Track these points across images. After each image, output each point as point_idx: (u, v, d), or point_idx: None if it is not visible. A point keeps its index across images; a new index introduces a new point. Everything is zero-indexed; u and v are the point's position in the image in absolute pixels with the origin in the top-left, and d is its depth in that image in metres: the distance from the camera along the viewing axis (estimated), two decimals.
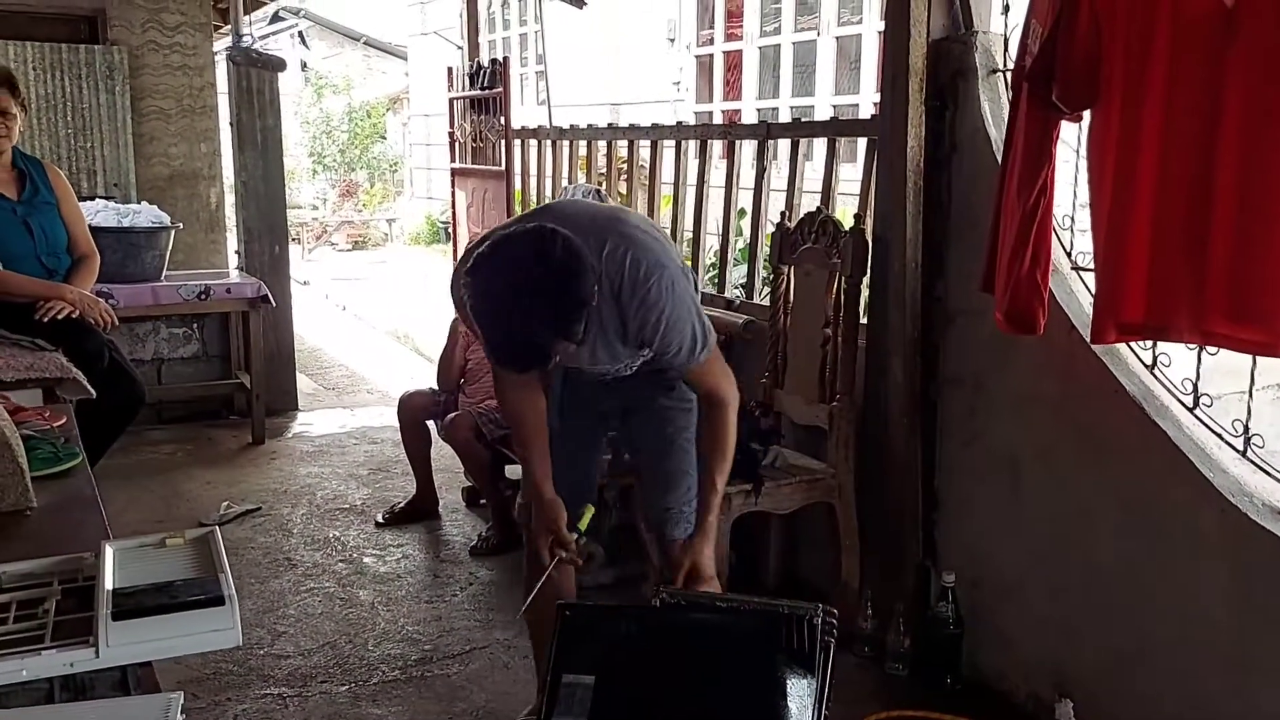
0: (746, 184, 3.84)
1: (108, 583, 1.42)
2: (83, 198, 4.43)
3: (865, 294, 3.07)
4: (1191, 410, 2.34)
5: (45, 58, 5.18)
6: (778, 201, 3.63)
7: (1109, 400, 2.44)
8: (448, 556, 3.83)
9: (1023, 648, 2.75)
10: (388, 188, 16.62)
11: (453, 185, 6.09)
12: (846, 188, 3.52)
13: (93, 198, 4.99)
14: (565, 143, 4.96)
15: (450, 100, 6.05)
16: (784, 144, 3.74)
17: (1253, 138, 1.94)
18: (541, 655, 2.54)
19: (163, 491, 4.43)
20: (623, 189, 4.57)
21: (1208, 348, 2.20)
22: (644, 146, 4.38)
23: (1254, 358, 2.13)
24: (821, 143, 3.60)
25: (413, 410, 4.15)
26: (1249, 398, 2.22)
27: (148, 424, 5.15)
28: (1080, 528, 2.56)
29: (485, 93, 5.59)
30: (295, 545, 3.88)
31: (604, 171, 4.67)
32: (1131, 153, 2.11)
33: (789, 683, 1.75)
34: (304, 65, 17.43)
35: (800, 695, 1.74)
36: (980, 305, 2.64)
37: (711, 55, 8.86)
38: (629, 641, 1.90)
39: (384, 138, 17.24)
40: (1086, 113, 2.25)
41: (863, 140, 3.34)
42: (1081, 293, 2.56)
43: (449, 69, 6.18)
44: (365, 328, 9.01)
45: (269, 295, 5.11)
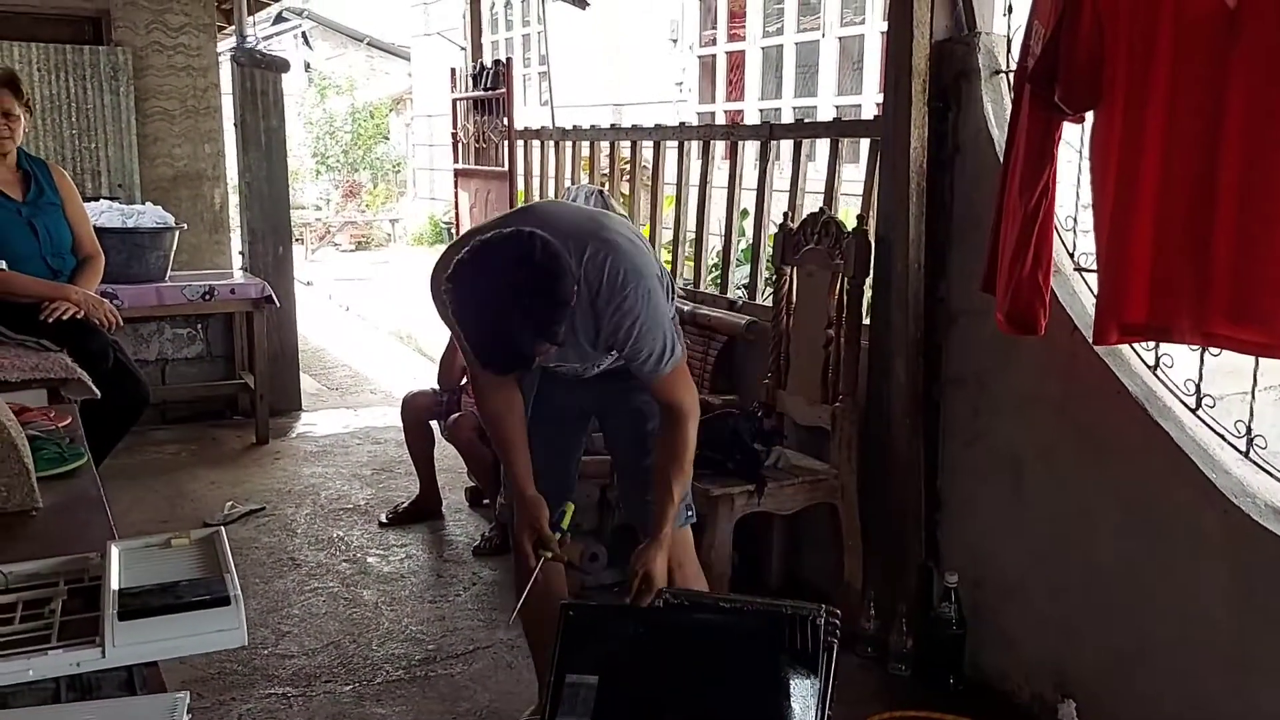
0: (749, 184, 3.84)
1: (113, 583, 1.42)
2: (87, 198, 4.44)
3: (868, 295, 3.07)
4: (1194, 411, 2.34)
5: (50, 59, 5.20)
6: (780, 202, 3.64)
7: (1111, 401, 2.44)
8: (451, 556, 3.84)
9: (1025, 648, 2.75)
10: (391, 188, 16.62)
11: (456, 186, 6.10)
12: (849, 188, 3.53)
13: (97, 198, 5.00)
14: (568, 143, 4.96)
15: (453, 101, 6.06)
16: (787, 145, 3.74)
17: (1255, 139, 1.94)
18: (539, 655, 2.55)
19: (167, 491, 4.43)
20: (625, 190, 4.57)
21: (1210, 349, 2.20)
22: (647, 147, 4.39)
23: (1256, 359, 2.13)
24: (824, 143, 3.60)
25: (416, 410, 4.16)
26: (1251, 399, 2.22)
27: (152, 424, 5.16)
28: (1082, 528, 2.56)
29: (488, 93, 5.60)
30: (299, 545, 3.89)
31: (607, 172, 4.68)
32: (1134, 153, 2.11)
33: (792, 683, 1.76)
34: (307, 66, 17.44)
35: (803, 695, 1.75)
36: (983, 306, 2.64)
37: (714, 56, 8.85)
38: (632, 642, 1.90)
39: (387, 138, 17.25)
40: (1089, 113, 2.25)
41: (865, 141, 3.35)
42: (1084, 293, 2.56)
43: (452, 70, 6.19)
44: (368, 328, 9.02)
45: (273, 296, 5.12)
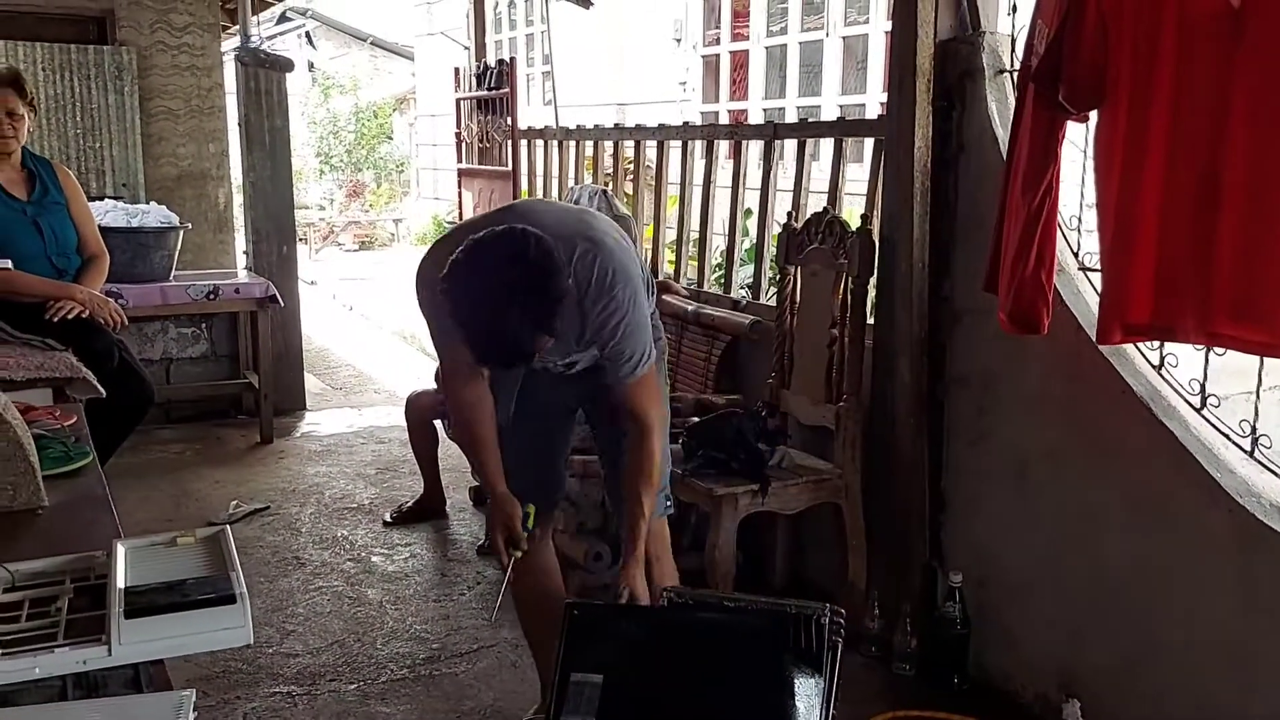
0: (753, 184, 3.84)
1: (119, 581, 1.42)
2: (92, 198, 4.45)
3: (872, 294, 3.07)
4: (1199, 411, 2.34)
5: (54, 58, 5.21)
6: (784, 202, 3.64)
7: (1116, 400, 2.44)
8: (455, 556, 3.84)
9: (1030, 648, 2.75)
10: (394, 188, 16.63)
11: (459, 186, 6.10)
12: (853, 188, 3.52)
13: (102, 198, 5.01)
14: (571, 143, 4.97)
15: (457, 101, 6.06)
16: (790, 144, 3.74)
17: (1259, 138, 1.93)
18: (538, 652, 2.56)
19: (172, 491, 4.44)
20: (629, 189, 4.57)
21: (1215, 349, 2.20)
22: (650, 147, 4.39)
23: (1261, 358, 2.12)
24: (828, 143, 3.60)
25: (420, 410, 4.16)
26: (1256, 398, 2.22)
27: (157, 423, 5.16)
28: (1087, 528, 2.56)
29: (492, 93, 5.60)
30: (304, 544, 3.89)
31: (610, 172, 4.68)
32: (1138, 153, 2.11)
33: (796, 682, 1.76)
34: (311, 66, 17.44)
35: (807, 695, 1.75)
36: (987, 305, 2.64)
37: (718, 55, 8.85)
38: (637, 641, 1.90)
39: (390, 138, 17.25)
40: (1093, 113, 2.25)
41: (869, 140, 3.34)
42: (1089, 293, 2.56)
43: (455, 69, 6.19)
44: (372, 328, 9.02)
45: (277, 295, 5.12)
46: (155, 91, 5.49)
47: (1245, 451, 2.27)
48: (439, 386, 4.18)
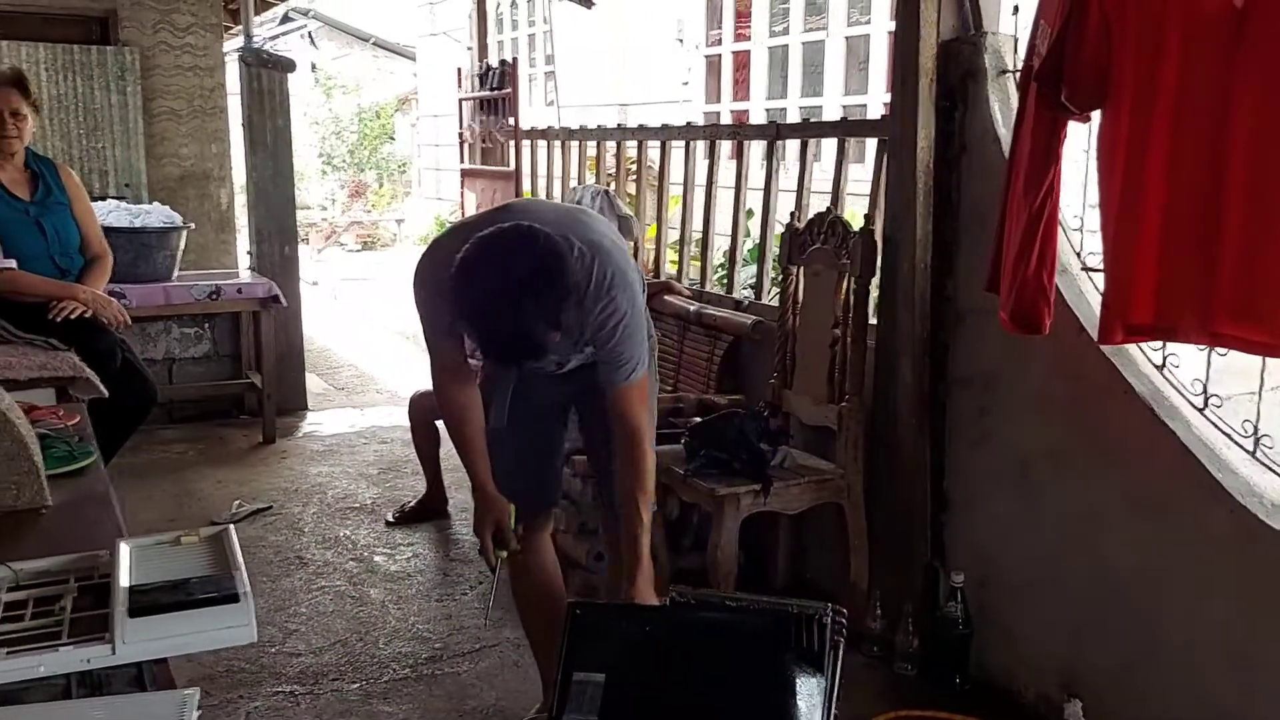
0: (755, 184, 3.85)
1: (123, 580, 1.43)
2: (95, 198, 4.46)
3: (874, 294, 3.07)
4: (1201, 411, 2.34)
5: (57, 59, 5.21)
6: (787, 202, 3.64)
7: (1119, 401, 2.44)
8: (457, 555, 3.84)
9: (1031, 648, 2.75)
10: (396, 188, 16.63)
11: (462, 186, 6.11)
12: (856, 188, 3.52)
13: (105, 198, 5.02)
14: (574, 143, 4.97)
15: (459, 101, 6.07)
16: (793, 144, 3.74)
17: (1262, 138, 1.94)
18: (539, 652, 2.56)
19: (174, 490, 4.45)
20: (631, 190, 4.58)
21: (1217, 349, 2.20)
22: (653, 147, 4.39)
23: (1263, 359, 2.12)
24: (831, 143, 3.60)
25: (422, 410, 4.16)
26: (1258, 398, 2.22)
27: (159, 423, 5.17)
28: (1089, 528, 2.56)
29: (494, 93, 5.61)
30: (306, 544, 3.89)
31: (612, 172, 4.69)
32: (1140, 153, 2.11)
33: (798, 682, 1.76)
34: (313, 66, 17.43)
35: (809, 694, 1.75)
36: (990, 305, 2.64)
37: (720, 55, 8.85)
38: (639, 640, 1.90)
39: (393, 138, 17.25)
40: (1095, 113, 2.25)
41: (872, 141, 3.34)
42: (1091, 293, 2.56)
43: (458, 70, 6.20)
44: (374, 328, 9.03)
45: (280, 295, 5.13)
46: (158, 92, 5.49)
47: (1247, 452, 2.27)
48: None
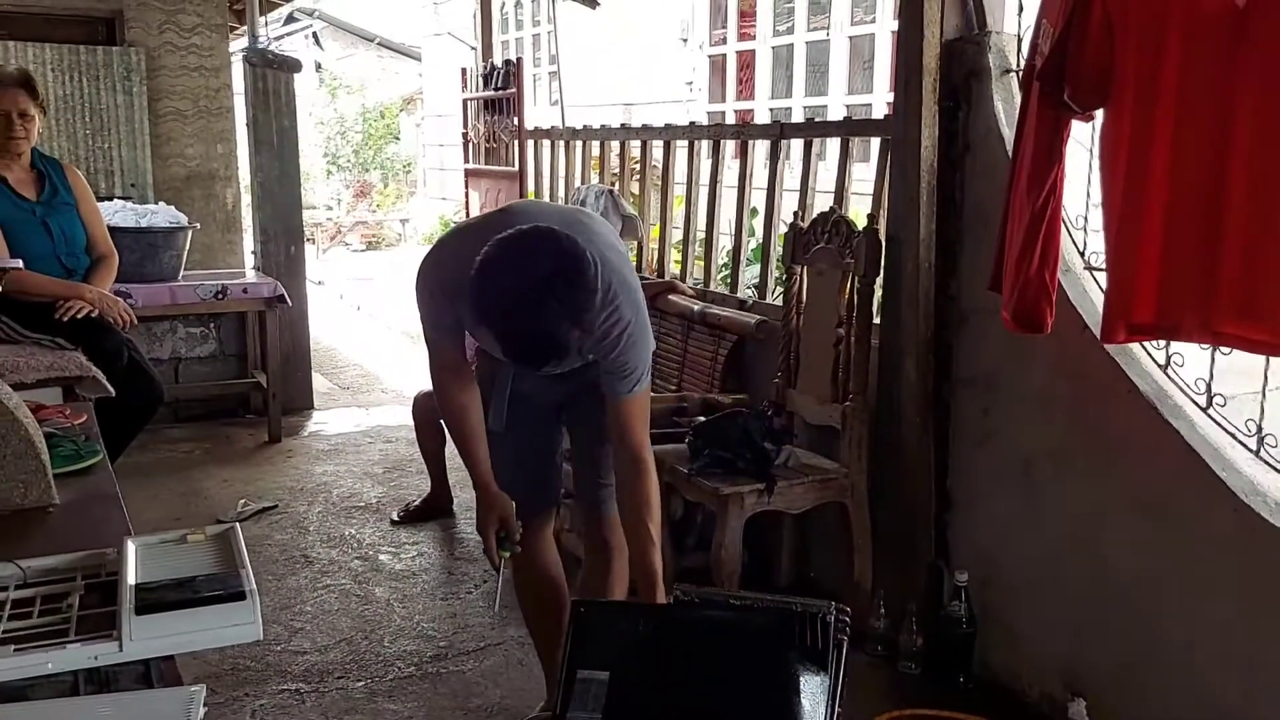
0: (760, 184, 3.85)
1: (130, 578, 1.43)
2: (101, 198, 4.47)
3: (878, 294, 3.07)
4: (1205, 410, 2.34)
5: (63, 59, 5.23)
6: (791, 201, 3.64)
7: (1122, 400, 2.44)
8: (462, 554, 3.85)
9: (1035, 647, 2.75)
10: (401, 188, 16.64)
11: (466, 186, 6.11)
12: (860, 187, 3.53)
13: (111, 198, 5.03)
14: (578, 143, 4.98)
15: (464, 101, 6.08)
16: (797, 144, 3.74)
17: (1264, 137, 1.94)
18: (543, 650, 2.57)
19: (180, 489, 4.46)
20: (635, 189, 4.58)
21: (1220, 348, 2.20)
22: (657, 146, 4.40)
23: (1267, 358, 2.13)
24: (835, 142, 3.60)
25: (427, 409, 4.16)
26: (1262, 398, 2.22)
27: (165, 422, 5.19)
28: (1093, 527, 2.56)
29: (498, 93, 5.62)
30: (311, 543, 3.91)
31: (617, 172, 4.69)
32: (1143, 152, 2.11)
33: (802, 680, 1.76)
34: (318, 66, 17.46)
35: (813, 693, 1.75)
36: (993, 305, 2.64)
37: (724, 55, 8.85)
38: (643, 638, 1.91)
39: (398, 138, 17.27)
40: (1098, 112, 2.25)
41: (876, 140, 3.35)
42: (1094, 292, 2.56)
43: (462, 70, 6.20)
44: (379, 327, 9.04)
45: (285, 295, 5.14)
46: (163, 92, 5.50)
47: (1251, 451, 2.27)
48: None
